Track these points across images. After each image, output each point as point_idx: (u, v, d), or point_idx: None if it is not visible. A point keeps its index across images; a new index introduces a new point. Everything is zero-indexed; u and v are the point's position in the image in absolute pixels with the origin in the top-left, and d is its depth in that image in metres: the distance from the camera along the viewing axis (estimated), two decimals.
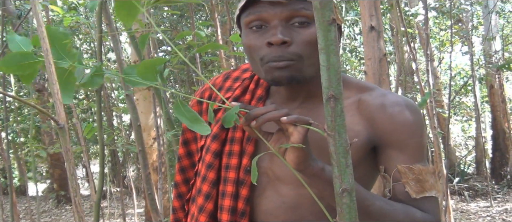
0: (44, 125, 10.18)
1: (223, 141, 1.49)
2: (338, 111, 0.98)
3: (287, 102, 1.48)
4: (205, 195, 1.46)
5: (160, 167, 5.68)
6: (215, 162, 1.47)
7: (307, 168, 1.19)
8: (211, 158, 1.47)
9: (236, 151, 1.46)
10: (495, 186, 10.85)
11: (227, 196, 1.43)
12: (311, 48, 1.30)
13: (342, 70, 1.56)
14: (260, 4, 1.34)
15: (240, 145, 1.46)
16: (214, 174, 1.46)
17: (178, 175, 1.65)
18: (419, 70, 5.40)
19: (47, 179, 14.46)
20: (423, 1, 5.21)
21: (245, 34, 1.37)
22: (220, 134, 1.49)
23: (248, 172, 1.43)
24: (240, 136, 1.47)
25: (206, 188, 1.46)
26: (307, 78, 1.35)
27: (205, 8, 6.90)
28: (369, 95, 1.43)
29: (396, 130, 1.37)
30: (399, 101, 1.40)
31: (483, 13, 11.12)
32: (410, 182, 1.35)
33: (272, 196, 1.44)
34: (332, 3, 0.93)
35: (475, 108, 11.82)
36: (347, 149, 1.01)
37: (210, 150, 1.48)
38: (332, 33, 0.93)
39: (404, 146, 1.37)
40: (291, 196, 1.41)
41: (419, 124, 1.39)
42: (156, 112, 5.38)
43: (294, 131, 1.15)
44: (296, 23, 1.32)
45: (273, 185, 1.44)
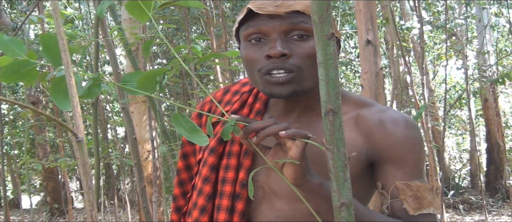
0: (38, 137, 10.14)
1: (220, 155, 1.49)
2: (336, 124, 0.98)
3: (285, 115, 1.48)
4: (200, 209, 1.46)
5: (154, 180, 5.67)
6: (212, 175, 1.46)
7: (305, 183, 1.19)
8: (207, 171, 1.47)
9: (233, 164, 1.45)
10: (490, 200, 10.85)
11: (223, 209, 1.43)
12: (310, 61, 1.30)
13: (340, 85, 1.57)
14: (259, 17, 1.34)
15: (237, 159, 1.45)
16: (210, 188, 1.46)
17: (177, 188, 1.64)
18: (413, 83, 5.42)
19: (41, 191, 14.40)
20: (418, 15, 5.23)
21: (244, 47, 1.38)
22: (217, 147, 1.48)
23: (245, 186, 1.42)
24: (238, 149, 1.46)
25: (201, 202, 1.46)
26: (307, 91, 1.35)
27: (201, 22, 6.92)
28: (367, 111, 1.43)
29: (395, 146, 1.37)
30: (398, 117, 1.41)
31: (477, 27, 11.18)
32: (408, 199, 1.35)
33: (267, 211, 1.44)
34: (331, 17, 0.94)
35: (469, 121, 11.84)
36: (346, 163, 1.01)
37: (207, 163, 1.48)
38: (331, 47, 0.94)
39: (402, 162, 1.37)
40: (286, 210, 1.41)
41: (418, 140, 1.39)
42: (151, 125, 5.37)
43: (292, 145, 1.16)
44: (295, 37, 1.33)
45: (268, 200, 1.44)
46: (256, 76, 1.36)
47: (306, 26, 1.31)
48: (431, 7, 9.62)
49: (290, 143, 1.16)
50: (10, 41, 1.12)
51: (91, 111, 3.00)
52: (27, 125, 5.37)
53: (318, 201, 1.21)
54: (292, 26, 1.32)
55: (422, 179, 1.38)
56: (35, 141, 11.36)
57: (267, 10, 1.31)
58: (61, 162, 4.75)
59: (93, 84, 1.10)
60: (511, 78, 5.45)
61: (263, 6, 1.32)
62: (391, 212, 1.38)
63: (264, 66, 1.33)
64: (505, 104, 17.62)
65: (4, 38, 1.14)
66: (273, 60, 1.31)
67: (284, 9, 1.31)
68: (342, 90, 1.49)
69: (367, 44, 2.68)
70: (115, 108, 11.27)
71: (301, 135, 1.15)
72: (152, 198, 5.42)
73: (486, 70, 10.03)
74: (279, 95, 1.34)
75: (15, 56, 1.11)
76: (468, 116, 11.85)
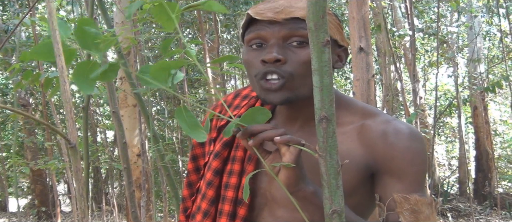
0: (27, 140, 10.08)
1: (225, 160, 1.50)
2: (330, 132, 0.98)
3: (289, 123, 1.48)
4: (203, 213, 1.47)
5: (143, 184, 5.65)
6: (215, 180, 1.48)
7: (299, 190, 1.20)
8: (211, 175, 1.49)
9: (236, 170, 1.46)
10: (478, 207, 10.88)
11: (225, 215, 1.44)
12: (306, 68, 1.31)
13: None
14: (261, 23, 1.36)
15: (241, 165, 1.47)
16: (213, 192, 1.47)
17: (185, 190, 1.66)
18: (404, 90, 5.43)
19: (28, 194, 14.31)
20: (410, 22, 5.25)
21: (245, 52, 1.40)
22: (222, 152, 1.50)
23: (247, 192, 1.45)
24: (242, 155, 1.47)
25: (204, 206, 1.47)
26: (301, 98, 1.36)
27: (193, 26, 6.92)
28: (372, 121, 1.42)
29: (396, 158, 1.36)
30: (402, 129, 1.39)
31: (468, 35, 11.23)
32: (405, 212, 1.33)
33: (268, 218, 1.44)
34: (327, 25, 0.94)
35: (459, 129, 11.88)
36: (338, 170, 1.01)
37: (211, 168, 1.50)
38: (326, 54, 0.94)
39: (402, 174, 1.36)
40: (285, 218, 1.41)
41: (420, 153, 1.38)
42: (141, 128, 5.36)
43: (286, 151, 1.16)
44: (295, 43, 1.34)
45: (269, 207, 1.45)
46: (253, 81, 1.38)
47: (305, 32, 1.31)
48: (423, 15, 9.66)
49: (284, 149, 1.16)
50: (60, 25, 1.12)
51: (82, 114, 2.99)
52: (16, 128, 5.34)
53: (311, 209, 1.22)
54: (291, 33, 1.33)
55: (421, 193, 1.36)
56: (24, 144, 11.30)
57: (265, 16, 1.33)
58: (51, 164, 4.72)
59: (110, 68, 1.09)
60: (501, 87, 5.47)
61: (262, 12, 1.34)
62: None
63: (260, 71, 1.34)
64: (495, 113, 17.71)
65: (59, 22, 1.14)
66: (268, 65, 1.33)
67: (283, 15, 1.32)
68: (349, 98, 1.51)
69: (359, 51, 2.69)
70: (105, 112, 11.24)
71: (295, 141, 1.15)
72: (141, 202, 5.40)
73: (476, 78, 10.07)
74: (272, 102, 1.35)
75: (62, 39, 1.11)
76: (458, 123, 11.90)
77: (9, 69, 3.20)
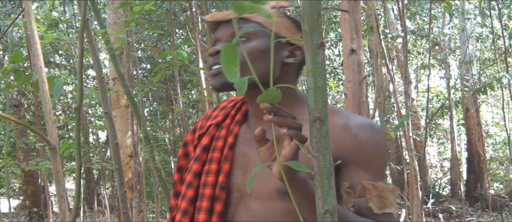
0: (19, 141, 10.04)
1: (203, 162, 1.61)
2: (323, 132, 0.99)
3: (258, 122, 1.59)
4: (182, 211, 1.56)
5: (135, 185, 5.64)
6: (195, 181, 1.58)
7: (293, 179, 1.23)
8: (191, 177, 1.59)
9: (213, 169, 1.56)
10: (470, 209, 10.93)
11: (202, 210, 1.53)
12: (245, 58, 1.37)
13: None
14: (219, 27, 1.57)
15: (218, 164, 1.57)
16: (192, 192, 1.57)
17: (173, 199, 1.73)
18: (396, 92, 5.45)
19: (20, 195, 14.25)
20: (402, 24, 5.27)
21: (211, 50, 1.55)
22: (201, 156, 1.61)
23: (223, 189, 1.53)
24: (218, 156, 1.58)
25: (184, 205, 1.57)
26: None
27: (186, 27, 6.92)
28: (334, 117, 1.51)
29: (361, 149, 1.45)
30: (364, 122, 1.50)
31: (460, 37, 11.27)
32: (373, 198, 1.43)
33: (243, 211, 1.53)
34: (321, 27, 0.95)
35: (451, 131, 11.93)
36: (331, 170, 1.02)
37: (191, 170, 1.60)
38: (320, 56, 0.95)
39: (368, 164, 1.45)
40: (259, 210, 1.49)
41: (382, 144, 1.49)
42: (133, 129, 5.35)
43: (287, 145, 1.18)
44: (242, 39, 1.49)
45: (244, 201, 1.53)
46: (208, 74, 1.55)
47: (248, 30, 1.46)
48: (415, 17, 9.69)
49: (287, 142, 1.19)
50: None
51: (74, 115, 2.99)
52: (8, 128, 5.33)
53: (300, 196, 1.25)
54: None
55: (385, 181, 1.48)
56: (16, 145, 11.26)
57: (215, 18, 1.54)
58: (42, 165, 4.71)
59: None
60: (493, 89, 5.50)
61: (214, 15, 1.55)
62: (356, 210, 1.44)
63: (209, 64, 1.53)
64: (487, 115, 17.80)
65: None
66: (212, 57, 1.52)
67: (230, 16, 1.51)
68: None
69: (351, 53, 2.70)
70: (97, 113, 11.22)
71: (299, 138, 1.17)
72: (133, 203, 5.39)
73: (468, 80, 10.11)
74: (213, 87, 1.54)
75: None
76: (450, 125, 11.94)
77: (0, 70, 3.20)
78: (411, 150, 5.01)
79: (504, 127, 11.36)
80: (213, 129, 1.66)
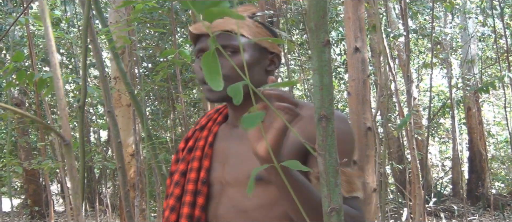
0: (21, 140, 10.04)
1: (188, 162, 1.76)
2: (329, 130, 0.99)
3: (237, 121, 1.73)
4: (170, 208, 1.70)
5: (137, 184, 5.64)
6: (181, 180, 1.73)
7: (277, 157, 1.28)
8: (178, 176, 1.74)
9: (195, 166, 1.71)
10: (471, 208, 10.91)
11: (186, 205, 1.66)
12: (237, 71, 1.56)
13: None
14: (203, 37, 1.65)
15: (199, 162, 1.72)
16: (179, 190, 1.72)
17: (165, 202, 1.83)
18: (398, 91, 5.45)
19: (21, 194, 14.26)
20: (404, 23, 5.27)
21: (195, 59, 1.68)
22: (186, 156, 1.77)
23: (204, 183, 1.68)
24: (199, 154, 1.73)
25: (172, 202, 1.71)
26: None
27: (188, 26, 6.91)
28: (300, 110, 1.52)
29: None
30: None
31: (462, 37, 11.25)
32: (343, 183, 1.52)
33: (224, 202, 1.65)
34: (327, 25, 0.94)
35: (452, 130, 11.91)
36: (337, 168, 1.01)
37: (178, 171, 1.76)
38: (326, 54, 0.94)
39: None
40: (239, 199, 1.62)
41: (348, 133, 1.62)
42: (135, 128, 5.35)
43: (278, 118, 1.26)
44: (229, 53, 1.59)
45: (225, 192, 1.66)
46: (200, 86, 1.64)
47: (236, 44, 1.58)
48: (417, 16, 9.68)
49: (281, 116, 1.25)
50: None
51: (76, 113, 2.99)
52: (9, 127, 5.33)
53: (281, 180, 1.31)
54: (224, 44, 1.58)
55: (352, 168, 1.58)
56: (18, 144, 11.27)
57: (200, 30, 1.61)
58: (44, 164, 4.71)
59: None
60: (495, 88, 5.50)
61: (198, 27, 1.62)
62: None
63: (201, 77, 1.61)
64: (489, 114, 17.77)
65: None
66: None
67: (215, 28, 1.58)
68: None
69: (355, 51, 2.69)
70: (98, 112, 11.22)
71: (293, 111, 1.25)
72: (135, 202, 5.39)
73: (470, 79, 10.10)
74: (210, 99, 1.66)
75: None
76: (451, 124, 11.93)
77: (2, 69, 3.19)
78: (413, 149, 5.00)
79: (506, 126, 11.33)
80: (198, 132, 1.82)
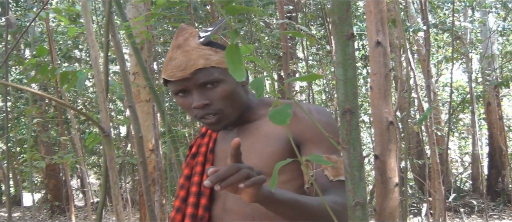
0: (43, 135, 10.12)
1: (192, 167, 1.92)
2: (353, 124, 0.98)
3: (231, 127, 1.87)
4: (176, 209, 1.84)
5: (157, 179, 5.67)
6: (186, 183, 1.88)
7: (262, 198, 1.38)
8: (183, 180, 1.89)
9: (198, 171, 1.86)
10: (491, 203, 10.84)
11: (190, 205, 1.81)
12: (227, 100, 1.71)
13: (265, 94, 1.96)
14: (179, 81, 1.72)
15: (201, 166, 1.87)
16: (184, 192, 1.86)
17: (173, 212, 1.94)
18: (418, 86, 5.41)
19: (42, 189, 14.39)
20: (424, 17, 5.23)
21: (175, 98, 1.77)
22: (190, 162, 1.93)
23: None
24: (202, 159, 1.89)
25: (177, 204, 1.85)
26: (233, 120, 1.77)
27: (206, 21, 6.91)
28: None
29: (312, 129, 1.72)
30: (311, 108, 1.81)
31: (482, 31, 11.15)
32: (328, 168, 1.67)
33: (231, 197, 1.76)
34: (351, 18, 0.94)
35: (472, 125, 11.82)
36: (361, 162, 1.01)
37: (183, 175, 1.91)
38: (350, 47, 0.94)
39: (319, 141, 1.71)
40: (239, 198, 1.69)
41: (330, 123, 1.76)
42: (155, 123, 5.38)
43: (244, 192, 1.35)
44: (209, 85, 1.69)
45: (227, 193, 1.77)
46: (195, 119, 1.77)
47: (213, 77, 1.69)
48: (437, 10, 9.61)
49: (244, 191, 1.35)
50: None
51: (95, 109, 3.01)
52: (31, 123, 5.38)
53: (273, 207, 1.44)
54: (203, 80, 1.68)
55: (338, 155, 1.71)
56: (38, 139, 11.36)
57: (177, 77, 1.68)
58: (66, 158, 4.74)
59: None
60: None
61: (173, 73, 1.69)
62: (315, 178, 1.68)
63: (197, 114, 1.72)
64: (509, 109, 17.60)
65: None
66: (200, 109, 1.71)
67: (189, 70, 1.67)
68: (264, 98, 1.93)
69: (376, 45, 2.68)
70: (118, 107, 11.28)
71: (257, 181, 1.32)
72: (155, 196, 5.43)
73: (490, 74, 10.01)
74: (215, 131, 1.86)
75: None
76: (471, 120, 11.84)
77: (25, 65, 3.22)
78: (433, 144, 4.97)
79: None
80: (199, 138, 1.97)
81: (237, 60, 1.05)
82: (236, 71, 1.04)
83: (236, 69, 1.04)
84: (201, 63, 1.68)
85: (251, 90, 1.88)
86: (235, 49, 1.03)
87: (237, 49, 1.03)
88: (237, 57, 1.03)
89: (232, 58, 1.04)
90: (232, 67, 1.05)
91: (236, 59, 1.03)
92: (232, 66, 1.05)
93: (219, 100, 1.70)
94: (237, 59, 1.04)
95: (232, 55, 1.03)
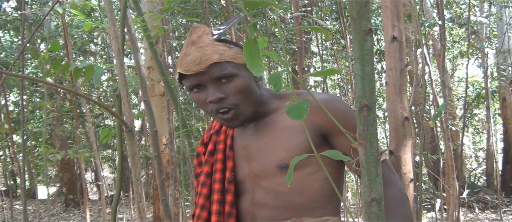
0: (58, 129, 10.17)
1: (212, 164, 1.94)
2: (370, 120, 0.98)
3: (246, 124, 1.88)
4: (200, 207, 1.87)
5: (172, 173, 5.68)
6: (207, 180, 1.91)
7: None
8: (204, 178, 1.92)
9: (219, 168, 1.89)
10: (505, 199, 10.78)
11: (215, 202, 1.84)
12: (242, 95, 1.73)
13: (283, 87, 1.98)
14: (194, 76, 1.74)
15: (222, 163, 1.89)
16: (206, 190, 1.89)
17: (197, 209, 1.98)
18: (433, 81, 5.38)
19: (56, 182, 14.48)
20: (439, 12, 5.20)
21: (190, 93, 1.79)
22: (209, 159, 1.95)
23: (231, 182, 1.85)
24: (221, 156, 1.90)
25: (201, 201, 1.88)
26: (250, 115, 1.78)
27: (221, 16, 6.92)
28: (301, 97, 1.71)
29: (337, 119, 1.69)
30: (327, 98, 1.78)
31: (498, 26, 11.06)
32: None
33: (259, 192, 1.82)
34: (369, 13, 0.94)
35: (487, 120, 11.74)
36: (378, 158, 1.00)
37: (204, 172, 1.93)
38: (367, 43, 0.93)
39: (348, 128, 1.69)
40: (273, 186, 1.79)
41: (348, 110, 1.75)
42: (169, 118, 5.39)
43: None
44: (224, 80, 1.71)
45: (257, 183, 1.83)
46: (211, 115, 1.79)
47: (227, 71, 1.71)
48: (452, 5, 9.54)
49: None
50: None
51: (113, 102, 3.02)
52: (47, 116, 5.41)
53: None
54: (218, 75, 1.70)
55: None
56: (53, 132, 11.43)
57: (192, 71, 1.70)
58: (81, 153, 4.77)
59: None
60: None
61: (188, 68, 1.71)
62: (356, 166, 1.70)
63: (212, 109, 1.74)
64: None
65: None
66: (215, 103, 1.73)
67: (204, 64, 1.69)
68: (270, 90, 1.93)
69: (392, 40, 2.67)
70: (132, 101, 11.31)
71: None
72: (169, 191, 5.44)
73: (505, 69, 9.93)
74: (232, 127, 1.83)
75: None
76: (486, 115, 11.76)
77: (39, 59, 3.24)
78: (448, 139, 4.95)
79: None
80: (214, 136, 1.97)
81: (255, 55, 1.05)
82: (254, 66, 1.04)
83: (254, 64, 1.04)
84: (216, 57, 1.69)
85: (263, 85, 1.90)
86: (253, 44, 1.03)
87: (255, 44, 1.03)
88: (255, 52, 1.03)
89: (250, 53, 1.04)
90: (250, 62, 1.06)
91: (254, 54, 1.03)
92: (250, 61, 1.05)
93: (234, 95, 1.72)
94: (255, 54, 1.04)
95: (251, 50, 1.03)
